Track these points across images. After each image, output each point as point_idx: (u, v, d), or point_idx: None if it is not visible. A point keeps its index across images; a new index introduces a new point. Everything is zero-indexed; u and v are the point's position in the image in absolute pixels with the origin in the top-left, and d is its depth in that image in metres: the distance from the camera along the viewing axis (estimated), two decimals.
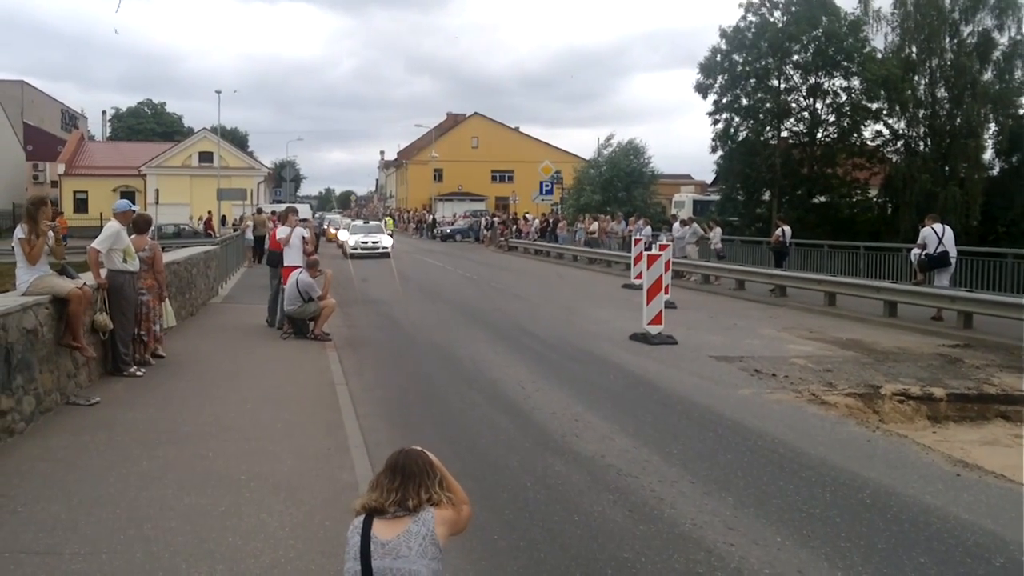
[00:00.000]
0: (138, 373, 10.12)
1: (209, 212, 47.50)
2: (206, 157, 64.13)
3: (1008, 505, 6.44)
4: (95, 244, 9.88)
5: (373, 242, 37.75)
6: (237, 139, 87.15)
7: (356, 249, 36.85)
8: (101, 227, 10.40)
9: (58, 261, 9.17)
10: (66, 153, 66.58)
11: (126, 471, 6.59)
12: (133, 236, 10.66)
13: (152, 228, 11.57)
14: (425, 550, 3.21)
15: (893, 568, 5.25)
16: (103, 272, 9.87)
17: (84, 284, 9.16)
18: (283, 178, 63.58)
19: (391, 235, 40.79)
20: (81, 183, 64.27)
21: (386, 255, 36.23)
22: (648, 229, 29.35)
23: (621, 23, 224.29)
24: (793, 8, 45.47)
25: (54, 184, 63.49)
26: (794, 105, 47.14)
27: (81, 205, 61.15)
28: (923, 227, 17.35)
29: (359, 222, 50.38)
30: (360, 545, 3.24)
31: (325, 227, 54.26)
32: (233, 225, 43.72)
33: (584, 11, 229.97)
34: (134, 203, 11.70)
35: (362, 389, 10.31)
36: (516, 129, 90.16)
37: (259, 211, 35.10)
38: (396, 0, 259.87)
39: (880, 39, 44.01)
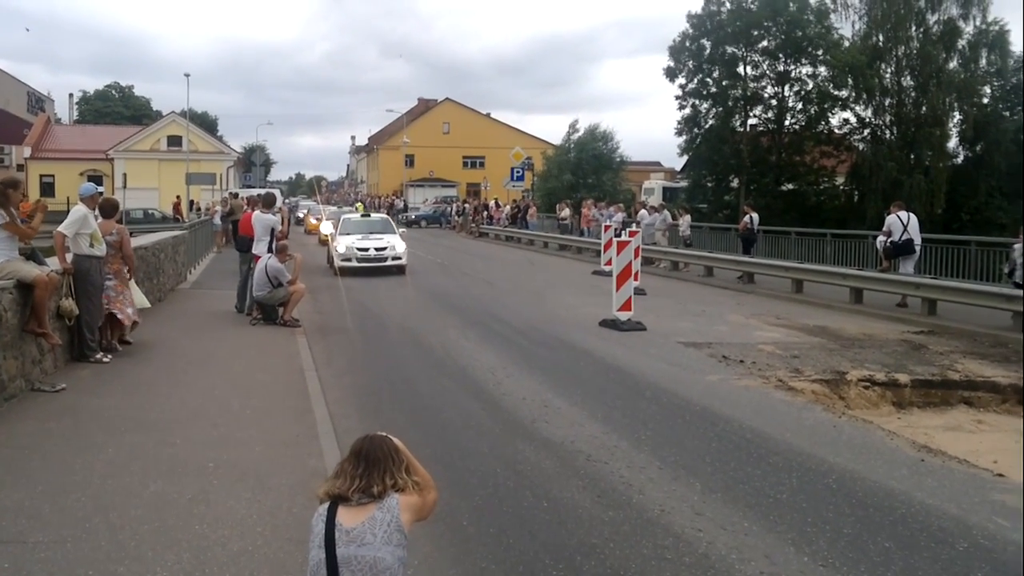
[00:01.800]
0: (104, 359, 10.00)
1: (178, 197, 46.94)
2: (175, 141, 63.35)
3: (971, 490, 6.56)
4: (61, 228, 9.74)
5: (379, 248, 23.23)
6: (206, 123, 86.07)
7: (351, 260, 22.99)
8: (68, 211, 10.24)
9: (27, 245, 9.02)
10: (32, 136, 65.41)
11: (91, 458, 6.53)
12: (100, 220, 10.52)
13: (119, 212, 11.38)
14: (390, 537, 3.20)
15: (859, 552, 5.33)
16: (69, 257, 9.73)
17: (50, 270, 9.03)
18: (253, 163, 63.05)
19: (401, 233, 25.52)
20: (48, 167, 63.23)
21: (400, 269, 23.12)
22: (619, 216, 29.42)
23: (595, 9, 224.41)
24: None
25: (20, 168, 62.30)
26: (764, 93, 47.44)
27: (48, 189, 60.13)
28: (888, 215, 17.55)
29: (351, 213, 32.49)
30: (324, 533, 3.23)
31: (302, 216, 50.71)
32: (206, 210, 42.73)
33: None
34: (101, 187, 11.54)
35: (332, 375, 10.28)
36: (487, 115, 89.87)
37: (235, 196, 33.89)
38: None
39: (848, 27, 44.40)
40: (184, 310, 15.26)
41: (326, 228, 30.77)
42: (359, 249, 23.15)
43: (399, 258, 23.27)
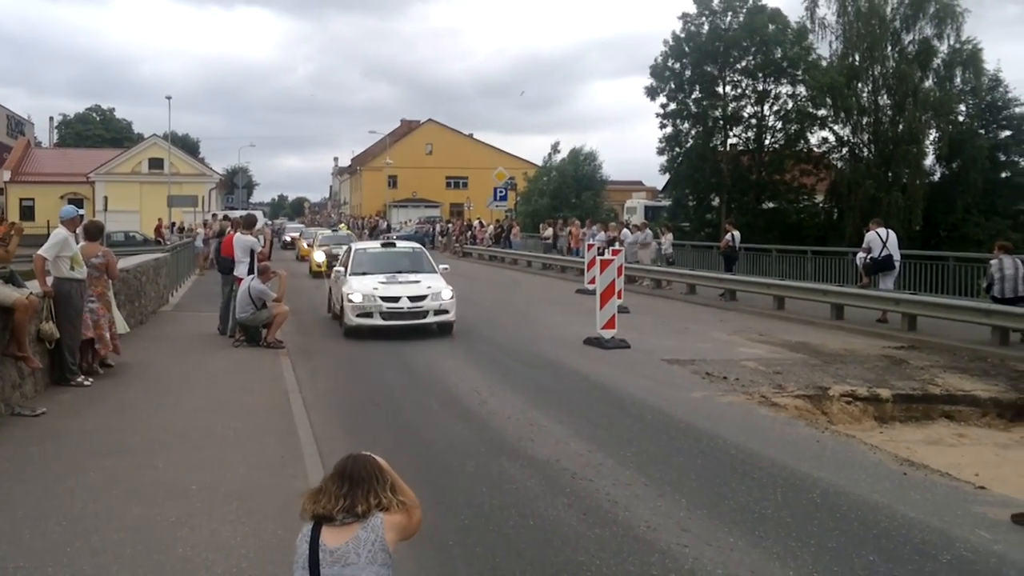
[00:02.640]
0: (85, 383, 9.92)
1: (160, 219, 46.72)
2: (156, 164, 63.09)
3: (953, 503, 6.60)
4: (41, 251, 9.67)
5: (414, 298, 15.11)
6: (188, 145, 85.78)
7: (371, 315, 15.02)
8: (48, 235, 10.19)
9: (4, 268, 8.96)
10: (12, 160, 64.98)
11: (73, 483, 6.47)
12: (84, 244, 10.48)
13: (104, 235, 11.34)
14: (374, 556, 3.19)
15: (843, 566, 5.35)
16: (49, 280, 9.66)
17: (31, 294, 8.96)
18: (235, 184, 62.97)
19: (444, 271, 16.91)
20: (28, 190, 62.74)
21: (445, 328, 15.35)
22: (602, 235, 29.52)
23: (579, 30, 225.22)
24: (731, 14, 46.20)
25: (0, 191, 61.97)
26: (744, 113, 47.86)
27: (28, 213, 59.56)
28: (868, 231, 17.71)
29: (372, 245, 19.71)
30: (308, 553, 3.22)
31: (290, 239, 48.75)
32: (188, 229, 42.23)
33: (543, 18, 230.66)
34: (82, 210, 11.49)
35: (316, 396, 10.24)
36: (470, 136, 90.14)
37: (225, 217, 33.02)
38: (354, 5, 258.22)
39: (825, 47, 44.89)
40: (166, 333, 15.17)
41: (319, 256, 27.26)
42: (384, 299, 14.94)
43: (445, 311, 15.13)
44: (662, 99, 47.98)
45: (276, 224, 66.06)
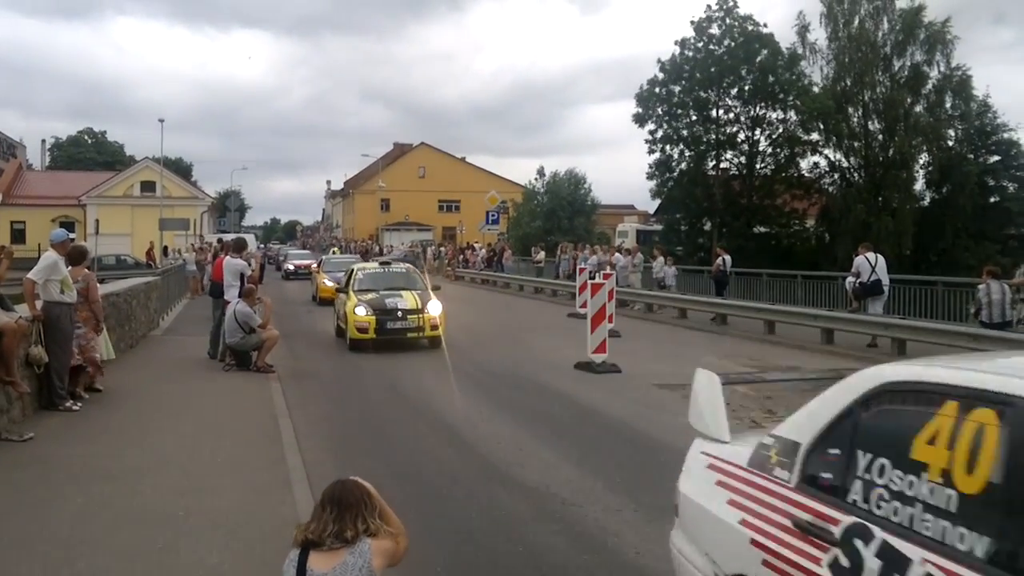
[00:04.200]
0: (74, 407, 9.89)
1: (151, 243, 46.71)
2: (148, 187, 63.21)
3: None
4: (31, 275, 9.66)
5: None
6: (181, 168, 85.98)
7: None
8: (39, 258, 10.18)
9: None
10: (3, 182, 65.02)
11: (60, 508, 6.44)
12: (68, 268, 10.46)
13: (89, 259, 11.32)
14: None
15: None
16: (39, 304, 9.65)
17: (20, 317, 8.94)
18: (227, 207, 62.95)
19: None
20: (19, 213, 62.74)
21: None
22: (594, 258, 29.61)
23: (573, 54, 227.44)
24: (726, 41, 46.63)
25: None
26: (736, 137, 48.17)
27: (19, 236, 59.56)
28: (857, 256, 17.81)
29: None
30: None
31: (293, 268, 42.61)
32: (176, 252, 42.14)
33: (538, 43, 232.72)
34: (73, 233, 11.49)
35: (306, 422, 10.21)
36: (463, 159, 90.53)
37: (219, 240, 32.63)
38: (350, 28, 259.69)
39: (816, 71, 45.30)
40: (156, 357, 15.13)
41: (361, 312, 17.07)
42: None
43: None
44: (650, 125, 48.32)
45: (274, 249, 65.21)
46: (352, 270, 19.36)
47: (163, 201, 56.04)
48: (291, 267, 44.01)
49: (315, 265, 34.30)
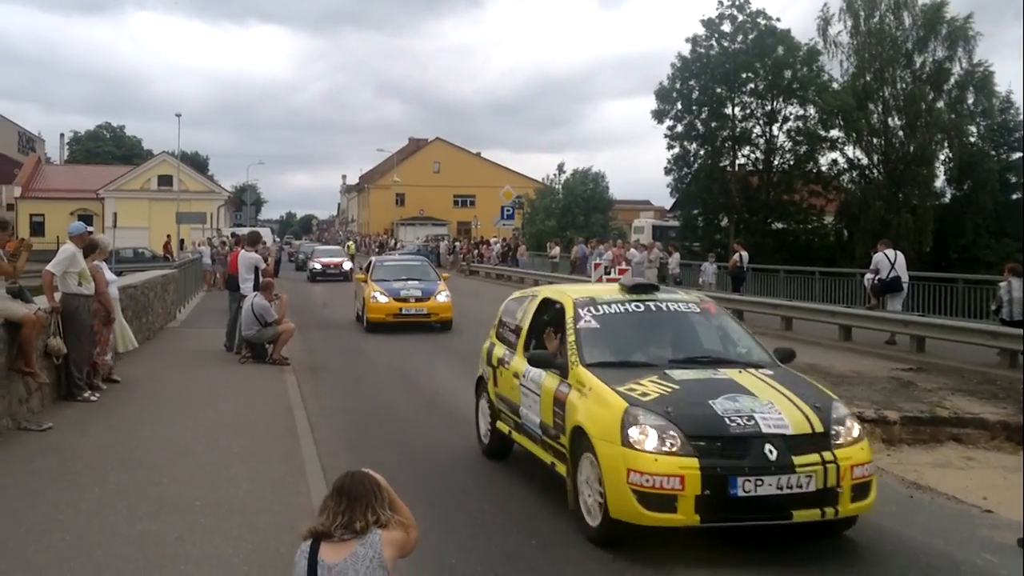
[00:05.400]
0: (92, 398, 9.95)
1: (168, 236, 46.97)
2: (165, 181, 63.46)
3: (960, 526, 6.56)
4: (50, 267, 9.73)
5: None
6: (197, 163, 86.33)
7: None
8: (57, 251, 10.24)
9: (13, 283, 9.00)
10: (23, 176, 65.49)
11: (77, 497, 6.48)
12: None
13: (102, 252, 11.34)
14: (372, 572, 3.20)
15: None
16: (57, 296, 9.71)
17: (38, 309, 9.01)
18: (244, 202, 63.23)
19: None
20: (38, 206, 63.24)
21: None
22: (609, 254, 29.53)
23: (592, 49, 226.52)
24: (741, 36, 46.38)
25: (10, 207, 62.32)
26: (752, 133, 47.93)
27: (38, 228, 60.01)
28: (876, 253, 17.67)
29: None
30: (307, 570, 3.22)
31: (319, 267, 37.46)
32: (196, 245, 41.97)
33: (556, 37, 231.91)
34: (91, 227, 11.55)
35: (320, 414, 10.24)
36: (478, 154, 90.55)
37: (232, 235, 30.91)
38: (368, 22, 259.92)
39: (836, 66, 44.95)
40: (173, 349, 15.21)
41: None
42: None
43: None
44: (669, 121, 48.17)
45: (295, 245, 63.82)
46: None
47: (180, 195, 56.30)
48: (317, 266, 37.91)
49: (356, 269, 26.43)
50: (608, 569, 5.56)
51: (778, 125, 47.19)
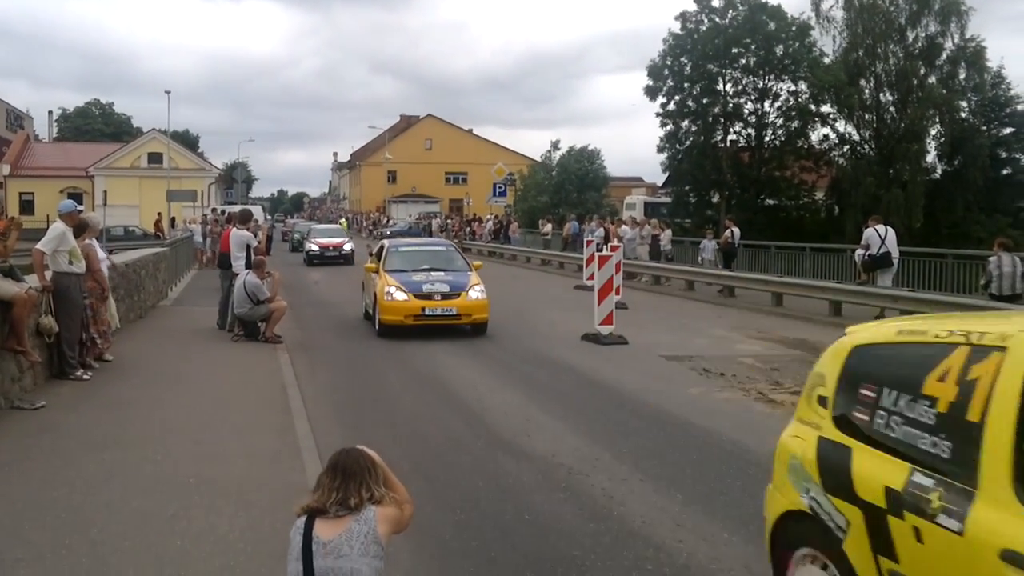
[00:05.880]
0: (84, 377, 9.95)
1: (159, 214, 46.76)
2: (155, 158, 63.08)
3: None
4: (40, 246, 9.69)
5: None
6: (188, 140, 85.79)
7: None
8: (47, 229, 10.21)
9: (3, 262, 8.98)
10: (11, 154, 65.03)
11: (71, 475, 6.50)
12: None
13: (94, 231, 11.29)
14: (367, 548, 3.22)
15: None
16: (48, 274, 9.69)
17: (29, 288, 8.99)
18: (234, 179, 62.84)
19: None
20: (27, 184, 62.87)
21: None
22: (600, 231, 29.53)
23: (585, 25, 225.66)
24: (732, 12, 46.14)
25: None
26: (744, 109, 47.84)
27: (27, 207, 59.64)
28: (866, 228, 17.73)
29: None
30: (301, 545, 3.25)
31: (317, 248, 33.63)
32: (187, 223, 41.60)
33: (549, 13, 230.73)
34: (81, 205, 11.49)
35: (314, 391, 10.26)
36: (470, 131, 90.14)
37: (222, 212, 30.33)
38: None
39: (829, 42, 44.84)
40: (165, 327, 15.20)
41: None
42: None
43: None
44: (661, 98, 48.06)
45: (289, 224, 62.90)
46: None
47: (170, 173, 55.98)
48: (315, 248, 34.08)
49: (368, 255, 19.70)
50: (601, 544, 5.61)
51: (769, 101, 47.13)
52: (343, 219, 63.18)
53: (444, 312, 14.52)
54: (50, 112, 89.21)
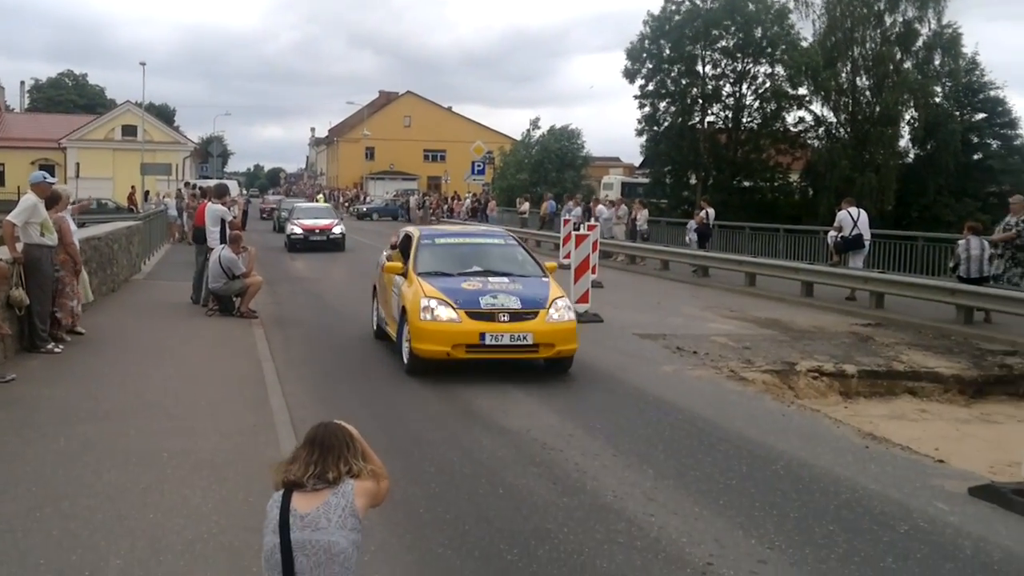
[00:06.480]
0: (56, 350, 9.88)
1: (132, 187, 46.20)
2: (129, 131, 62.17)
3: (913, 475, 6.77)
4: (11, 217, 9.58)
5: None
6: (163, 113, 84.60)
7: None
8: (18, 201, 10.08)
9: None
10: None
11: (43, 449, 6.48)
12: None
13: (65, 203, 11.15)
14: (344, 521, 3.25)
15: (804, 535, 5.49)
16: (19, 246, 9.58)
17: (0, 261, 8.90)
18: (210, 153, 62.11)
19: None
20: None
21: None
22: (578, 210, 29.54)
23: (567, 4, 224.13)
24: None
25: None
26: (722, 91, 47.90)
27: None
28: (839, 211, 17.90)
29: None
30: (279, 518, 3.27)
31: (300, 230, 28.45)
32: (160, 197, 41.07)
33: None
34: (53, 177, 11.35)
35: (288, 366, 10.25)
36: (449, 109, 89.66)
37: (195, 186, 28.59)
38: None
39: (808, 26, 44.95)
40: (138, 301, 15.08)
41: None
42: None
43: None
44: (640, 80, 47.97)
45: (271, 200, 59.71)
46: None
47: (144, 146, 55.24)
48: (298, 230, 28.68)
49: (386, 252, 12.98)
50: (573, 518, 5.68)
51: (747, 84, 47.21)
52: (320, 195, 62.62)
53: (514, 341, 9.51)
54: (22, 82, 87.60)
